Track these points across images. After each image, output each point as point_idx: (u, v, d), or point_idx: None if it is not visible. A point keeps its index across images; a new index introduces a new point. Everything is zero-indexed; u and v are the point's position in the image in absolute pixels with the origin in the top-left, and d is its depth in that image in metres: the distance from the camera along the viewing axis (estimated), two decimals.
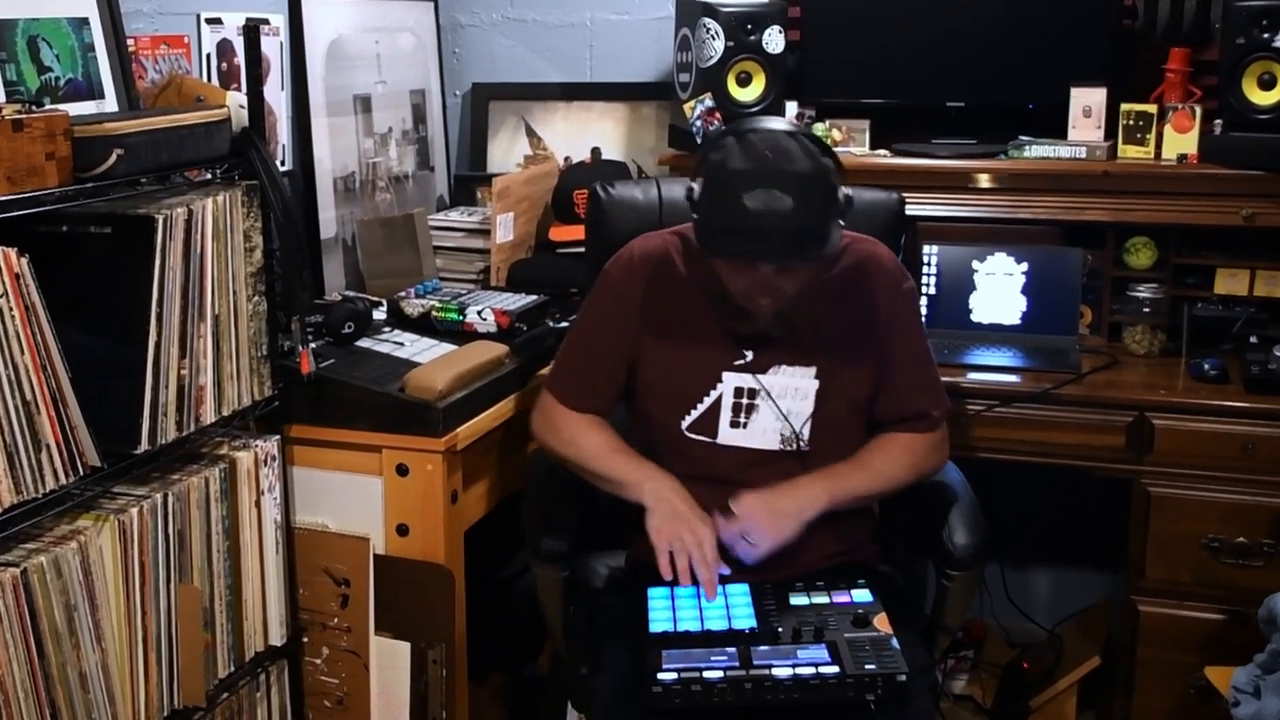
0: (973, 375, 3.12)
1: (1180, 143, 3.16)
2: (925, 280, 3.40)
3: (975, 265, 3.37)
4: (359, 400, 2.71)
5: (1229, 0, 3.07)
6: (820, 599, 2.38)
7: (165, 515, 2.34)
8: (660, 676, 2.16)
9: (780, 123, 2.40)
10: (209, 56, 3.03)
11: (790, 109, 3.43)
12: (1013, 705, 3.34)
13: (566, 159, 3.86)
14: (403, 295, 3.16)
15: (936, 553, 2.58)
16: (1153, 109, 3.20)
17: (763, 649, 2.22)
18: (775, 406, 2.48)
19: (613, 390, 2.59)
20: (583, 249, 3.10)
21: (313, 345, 2.72)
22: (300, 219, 3.15)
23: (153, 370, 2.28)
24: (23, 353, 2.02)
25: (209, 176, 2.51)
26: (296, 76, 3.39)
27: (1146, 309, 3.25)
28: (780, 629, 2.28)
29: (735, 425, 2.50)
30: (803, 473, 2.47)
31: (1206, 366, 3.07)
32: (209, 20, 3.03)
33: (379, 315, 3.10)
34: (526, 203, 3.61)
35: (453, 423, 2.70)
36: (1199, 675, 2.84)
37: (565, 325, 3.09)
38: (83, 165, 2.15)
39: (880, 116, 3.49)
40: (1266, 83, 3.00)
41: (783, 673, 2.17)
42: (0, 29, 2.43)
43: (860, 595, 2.40)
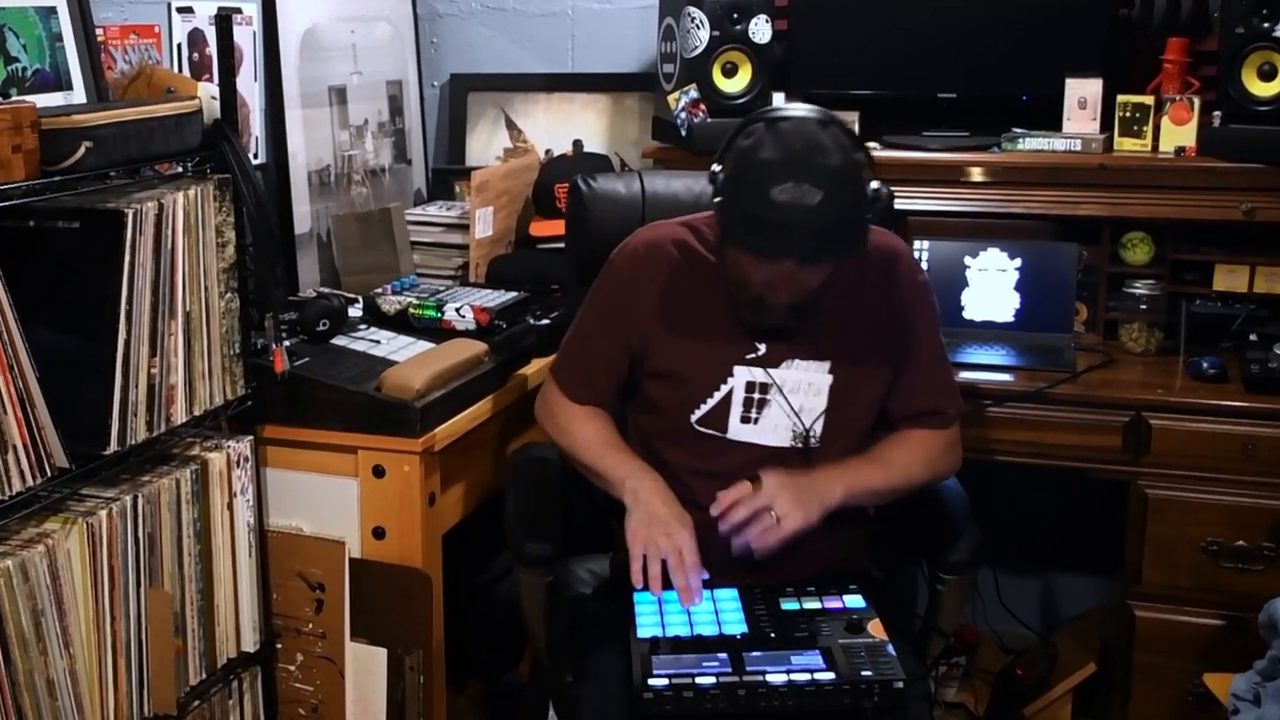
0: (965, 374, 3.11)
1: (1178, 135, 3.17)
2: None
3: (967, 261, 3.36)
4: (334, 400, 2.71)
5: None
6: (812, 604, 2.38)
7: (135, 518, 2.34)
8: (651, 683, 2.16)
9: (812, 110, 2.34)
10: (180, 46, 3.03)
11: (777, 100, 3.43)
12: (1006, 713, 3.35)
13: (547, 152, 3.86)
14: (379, 292, 3.16)
15: (929, 556, 2.59)
16: (1150, 100, 3.20)
17: (755, 654, 2.22)
18: (787, 402, 2.48)
19: (612, 383, 2.59)
20: (564, 244, 3.10)
21: (287, 343, 2.71)
22: (274, 213, 3.17)
23: (122, 369, 2.28)
24: None
25: (180, 170, 2.52)
26: (270, 67, 3.38)
27: (1143, 306, 3.26)
28: (772, 634, 2.28)
29: (746, 420, 2.50)
30: (811, 470, 2.46)
31: (1205, 365, 3.08)
32: (180, 9, 3.02)
33: (355, 312, 3.10)
34: (506, 197, 3.62)
35: (430, 423, 2.71)
36: (1197, 682, 2.86)
37: (546, 323, 3.10)
38: (50, 158, 2.15)
39: (870, 108, 3.48)
40: (1267, 73, 3.00)
41: (777, 679, 2.17)
42: None
43: (852, 600, 2.40)
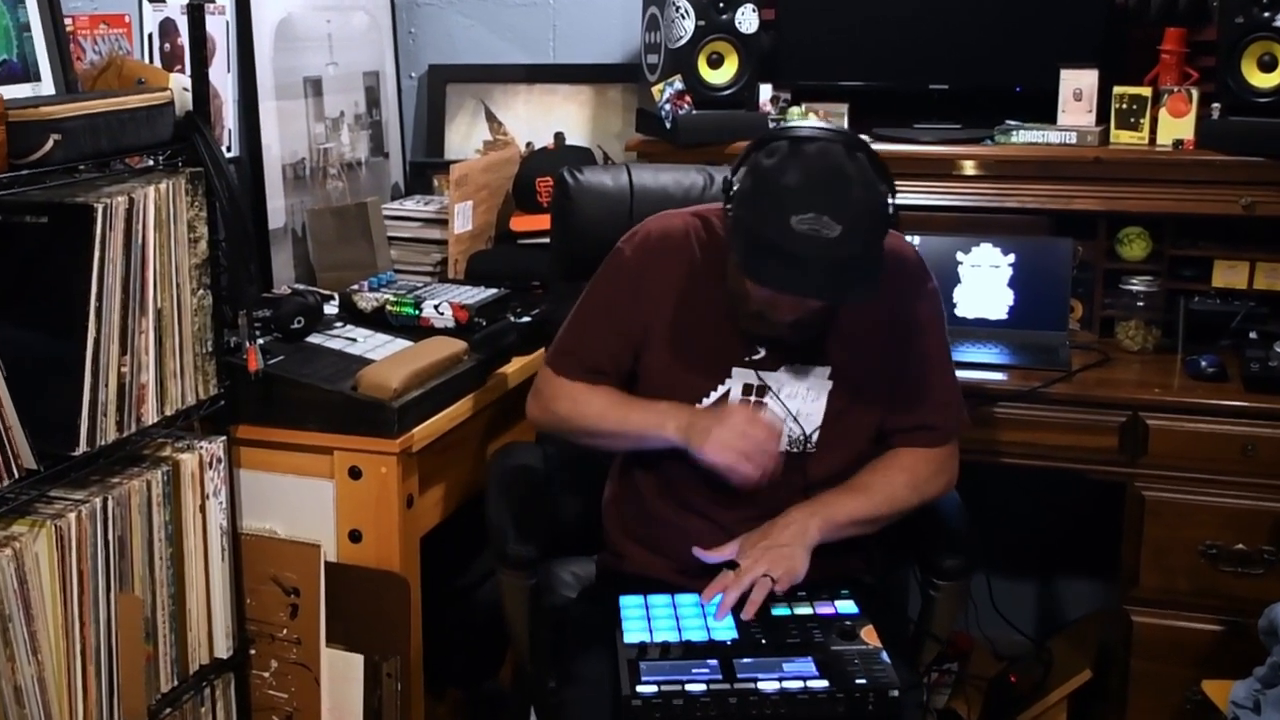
0: (957, 373, 3.10)
1: (1176, 127, 3.18)
2: None
3: (960, 257, 3.37)
4: (309, 399, 2.71)
5: None
6: (803, 610, 2.38)
7: (105, 520, 2.34)
8: (639, 690, 2.16)
9: (840, 133, 2.30)
10: (151, 36, 3.02)
11: (765, 92, 3.45)
12: None
13: (528, 145, 3.86)
14: (355, 288, 3.16)
15: (923, 562, 2.60)
16: (1147, 92, 3.21)
17: (746, 661, 2.23)
18: (785, 406, 2.46)
19: (615, 372, 2.53)
20: (546, 240, 3.11)
21: (260, 341, 2.72)
22: (247, 208, 3.16)
23: (91, 368, 2.28)
24: None
25: (151, 163, 2.51)
26: (243, 58, 3.38)
27: (1140, 303, 3.27)
28: (763, 640, 2.28)
29: None
30: (803, 479, 2.46)
31: (1203, 364, 3.08)
32: None
33: (330, 310, 3.11)
34: (486, 191, 3.62)
35: (408, 423, 2.71)
36: (1195, 689, 2.86)
37: (527, 320, 3.10)
38: (17, 151, 2.15)
39: (860, 100, 3.49)
40: (1267, 64, 3.01)
41: (769, 686, 2.17)
42: None
43: (845, 606, 2.40)
